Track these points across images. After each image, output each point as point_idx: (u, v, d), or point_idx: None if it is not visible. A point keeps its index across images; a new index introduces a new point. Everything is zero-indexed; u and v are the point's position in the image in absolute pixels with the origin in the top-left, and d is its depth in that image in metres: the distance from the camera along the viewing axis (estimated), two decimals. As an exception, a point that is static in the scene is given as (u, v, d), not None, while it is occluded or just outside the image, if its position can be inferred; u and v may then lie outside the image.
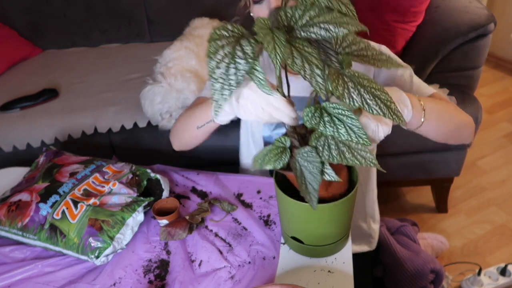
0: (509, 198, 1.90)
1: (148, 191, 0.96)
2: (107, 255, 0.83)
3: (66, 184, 0.91)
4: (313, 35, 0.55)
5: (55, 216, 0.85)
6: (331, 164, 0.62)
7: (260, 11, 0.84)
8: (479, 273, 1.50)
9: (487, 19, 1.42)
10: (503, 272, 1.50)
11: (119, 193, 0.90)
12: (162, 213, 0.92)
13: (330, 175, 0.63)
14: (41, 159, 1.04)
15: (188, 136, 0.92)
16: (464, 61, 1.52)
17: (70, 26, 2.15)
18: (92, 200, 0.88)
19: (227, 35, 0.55)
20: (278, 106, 0.64)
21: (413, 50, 1.57)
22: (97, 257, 0.82)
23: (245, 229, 0.89)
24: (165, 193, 0.97)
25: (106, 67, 1.95)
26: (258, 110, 0.66)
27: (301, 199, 0.69)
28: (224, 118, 0.77)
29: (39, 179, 0.94)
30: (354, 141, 0.58)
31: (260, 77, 0.56)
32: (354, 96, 0.56)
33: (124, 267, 0.83)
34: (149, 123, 1.55)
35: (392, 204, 1.92)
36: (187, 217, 0.89)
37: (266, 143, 1.03)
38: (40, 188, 0.91)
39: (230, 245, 0.86)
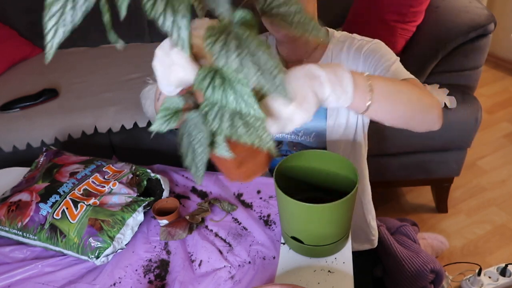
0: (509, 198, 1.90)
1: (148, 191, 0.96)
2: (107, 255, 0.83)
3: (66, 184, 0.91)
4: None
5: (55, 216, 0.85)
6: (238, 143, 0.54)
7: None
8: (479, 273, 1.50)
9: (487, 19, 1.42)
10: (503, 272, 1.50)
11: (119, 193, 0.90)
12: (162, 213, 0.92)
13: (221, 148, 0.54)
14: (41, 159, 1.04)
15: (154, 113, 0.84)
16: (464, 61, 1.52)
17: (70, 26, 2.15)
18: (92, 200, 0.88)
19: None
20: (180, 62, 0.57)
21: (413, 50, 1.57)
22: (97, 257, 0.82)
23: (245, 229, 0.89)
24: (165, 193, 0.97)
25: (106, 67, 1.95)
26: (166, 70, 0.60)
27: (301, 199, 0.69)
28: (166, 88, 0.67)
29: (39, 179, 0.94)
30: (244, 111, 0.48)
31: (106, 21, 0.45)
32: (232, 59, 0.46)
33: (124, 267, 0.83)
34: (149, 123, 1.55)
35: (392, 204, 1.92)
36: (187, 217, 0.89)
37: None
38: (40, 188, 0.91)
39: (230, 245, 0.86)
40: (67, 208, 0.86)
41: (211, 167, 0.63)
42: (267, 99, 0.53)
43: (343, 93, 0.59)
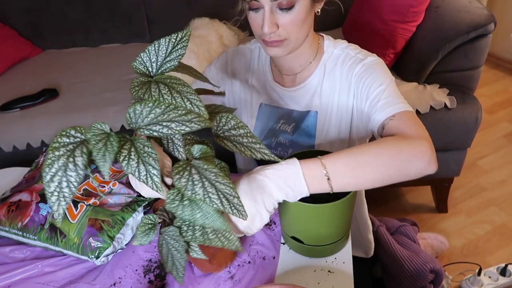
0: (509, 198, 1.90)
1: (148, 191, 0.96)
2: (107, 255, 0.83)
3: (66, 184, 0.91)
4: (155, 133, 0.54)
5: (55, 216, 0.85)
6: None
7: (255, 19, 0.82)
8: (479, 273, 1.50)
9: (487, 19, 1.42)
10: (503, 272, 1.50)
11: (119, 193, 0.91)
12: (162, 213, 0.92)
13: (197, 253, 0.65)
14: (41, 159, 1.04)
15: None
16: (464, 61, 1.52)
17: (70, 26, 2.15)
18: (92, 200, 0.88)
19: (68, 142, 0.54)
20: (149, 190, 0.66)
21: (413, 50, 1.57)
22: (97, 257, 0.82)
23: (245, 229, 0.89)
24: (165, 193, 0.97)
25: (106, 67, 1.95)
26: (139, 186, 0.68)
27: (301, 199, 0.69)
28: (144, 194, 0.74)
29: (39, 179, 0.94)
30: (210, 225, 0.58)
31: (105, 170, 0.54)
32: (197, 189, 0.55)
33: (124, 267, 0.83)
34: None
35: (392, 204, 1.92)
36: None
37: None
38: (40, 188, 0.91)
39: (230, 245, 0.86)
40: (67, 208, 0.86)
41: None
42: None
43: (298, 193, 0.65)
